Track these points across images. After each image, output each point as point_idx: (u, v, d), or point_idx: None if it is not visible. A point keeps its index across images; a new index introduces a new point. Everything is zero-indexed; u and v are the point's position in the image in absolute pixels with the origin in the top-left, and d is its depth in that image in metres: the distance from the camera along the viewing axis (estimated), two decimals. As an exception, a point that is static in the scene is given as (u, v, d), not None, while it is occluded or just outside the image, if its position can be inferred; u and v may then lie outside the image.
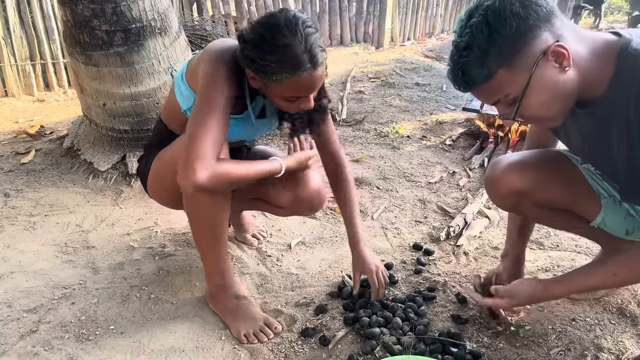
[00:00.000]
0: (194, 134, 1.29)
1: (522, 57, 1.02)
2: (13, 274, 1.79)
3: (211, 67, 1.35)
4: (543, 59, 1.02)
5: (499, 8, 1.01)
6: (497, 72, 1.04)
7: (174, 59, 2.46)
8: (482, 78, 1.05)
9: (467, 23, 1.05)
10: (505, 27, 1.01)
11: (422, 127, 3.17)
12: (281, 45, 1.23)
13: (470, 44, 1.03)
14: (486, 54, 1.02)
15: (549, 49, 1.02)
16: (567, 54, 1.02)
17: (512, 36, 1.01)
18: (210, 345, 1.48)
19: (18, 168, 2.61)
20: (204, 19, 4.01)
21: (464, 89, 1.10)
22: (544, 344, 1.44)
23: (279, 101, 1.36)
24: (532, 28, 1.01)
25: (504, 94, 1.08)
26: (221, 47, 1.39)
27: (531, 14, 1.01)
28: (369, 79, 4.10)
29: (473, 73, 1.05)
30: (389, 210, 2.22)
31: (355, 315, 1.54)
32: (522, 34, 1.01)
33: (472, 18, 1.04)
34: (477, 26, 1.02)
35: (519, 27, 1.01)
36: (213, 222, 1.48)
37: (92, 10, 2.21)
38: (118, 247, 1.96)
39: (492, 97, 1.10)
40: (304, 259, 1.89)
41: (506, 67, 1.03)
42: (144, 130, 2.46)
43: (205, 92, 1.33)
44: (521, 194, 1.39)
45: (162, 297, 1.68)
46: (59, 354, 1.44)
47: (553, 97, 1.07)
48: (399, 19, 5.58)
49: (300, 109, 1.39)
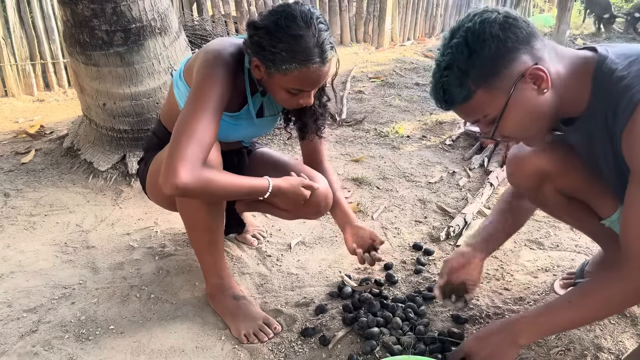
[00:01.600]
0: (179, 134, 1.25)
1: (501, 79, 1.05)
2: (13, 274, 1.79)
3: (205, 66, 1.33)
4: (521, 81, 1.05)
5: (479, 30, 1.03)
6: (475, 93, 1.06)
7: (174, 59, 2.46)
8: (461, 98, 1.07)
9: (449, 43, 1.07)
10: (484, 48, 1.03)
11: (422, 127, 3.17)
12: (294, 36, 1.23)
13: (451, 64, 1.05)
14: (466, 74, 1.04)
15: (527, 72, 1.04)
16: (546, 77, 1.04)
17: (491, 58, 1.03)
18: (210, 345, 1.48)
19: (18, 168, 2.61)
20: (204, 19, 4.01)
21: (444, 107, 1.12)
22: (544, 344, 1.44)
23: (280, 93, 1.34)
24: (511, 50, 1.03)
25: (482, 114, 1.10)
26: (218, 46, 1.38)
27: (510, 37, 1.03)
28: (369, 79, 4.10)
29: (453, 92, 1.07)
30: (389, 210, 2.22)
31: (355, 315, 1.54)
32: (501, 56, 1.03)
33: (454, 38, 1.06)
34: (458, 47, 1.05)
35: (497, 49, 1.03)
36: (208, 225, 1.47)
37: (92, 10, 2.21)
38: (118, 247, 1.96)
39: (471, 116, 1.13)
40: (304, 259, 1.89)
41: (485, 88, 1.05)
42: (144, 130, 2.46)
43: (196, 91, 1.31)
44: (546, 175, 1.37)
45: (162, 297, 1.68)
46: (59, 353, 1.44)
47: (530, 118, 1.10)
48: (399, 19, 5.57)
49: (299, 105, 1.37)
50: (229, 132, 1.50)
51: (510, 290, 1.68)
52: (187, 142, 1.23)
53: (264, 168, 1.64)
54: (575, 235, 1.95)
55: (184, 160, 1.22)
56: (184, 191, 1.23)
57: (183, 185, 1.21)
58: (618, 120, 1.04)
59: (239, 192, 1.38)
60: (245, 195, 1.42)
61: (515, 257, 1.86)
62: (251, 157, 1.73)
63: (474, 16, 1.07)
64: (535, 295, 1.65)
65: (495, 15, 1.05)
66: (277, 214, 1.72)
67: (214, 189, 1.28)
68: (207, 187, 1.26)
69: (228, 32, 4.11)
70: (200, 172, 1.24)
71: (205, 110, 1.27)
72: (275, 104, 1.57)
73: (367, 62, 4.59)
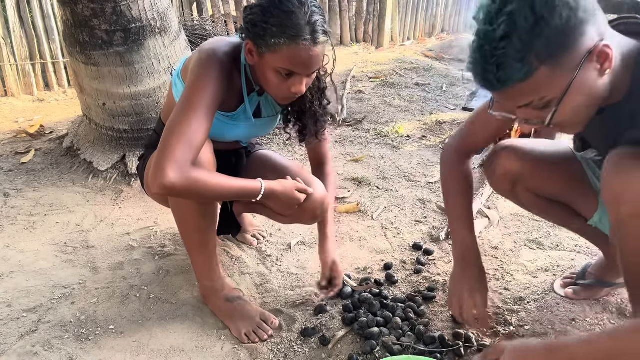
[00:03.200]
0: (169, 135, 1.25)
1: (568, 56, 0.90)
2: (13, 274, 1.79)
3: (199, 66, 1.33)
4: (588, 59, 0.91)
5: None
6: (538, 70, 0.90)
7: (173, 58, 2.46)
8: (520, 75, 0.91)
9: (503, 9, 0.89)
10: (555, 16, 0.87)
11: (422, 127, 3.16)
12: (286, 11, 1.23)
13: (509, 33, 0.88)
14: (529, 46, 0.88)
15: (596, 49, 0.91)
16: (611, 55, 0.92)
17: (562, 29, 0.88)
18: (210, 345, 1.48)
19: (18, 168, 2.61)
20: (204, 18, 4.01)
21: (493, 86, 0.95)
22: (544, 344, 1.44)
23: (271, 77, 1.32)
24: (582, 22, 0.89)
25: (539, 96, 0.95)
26: (212, 45, 1.38)
27: (581, 5, 0.88)
28: (369, 78, 4.10)
29: (510, 68, 0.90)
30: (389, 210, 2.22)
31: (355, 315, 1.54)
32: (572, 27, 0.88)
33: (510, 4, 0.89)
34: (520, 13, 0.87)
35: (569, 19, 0.87)
36: (198, 224, 1.47)
37: (92, 9, 2.21)
38: (118, 246, 1.96)
39: (524, 98, 0.97)
40: (304, 258, 1.89)
41: (549, 64, 0.90)
42: (143, 130, 2.46)
43: (188, 91, 1.31)
44: (516, 179, 1.36)
45: (161, 297, 1.68)
46: (59, 353, 1.44)
47: (587, 102, 0.98)
48: (399, 18, 5.57)
49: (291, 94, 1.34)
50: (225, 131, 1.49)
51: (510, 290, 1.68)
52: (177, 142, 1.23)
53: (262, 170, 1.63)
54: (575, 235, 1.95)
55: (172, 160, 1.22)
56: (171, 190, 1.23)
57: (170, 184, 1.21)
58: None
59: (229, 194, 1.37)
60: (236, 197, 1.41)
61: (515, 257, 1.86)
62: (250, 158, 1.72)
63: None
64: (535, 295, 1.65)
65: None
66: (274, 217, 1.68)
67: (202, 189, 1.27)
68: (195, 187, 1.25)
69: (228, 32, 4.11)
70: (189, 172, 1.24)
71: (197, 110, 1.27)
72: (273, 105, 1.56)
73: (367, 62, 4.58)
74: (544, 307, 1.59)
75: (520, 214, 2.13)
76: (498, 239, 1.98)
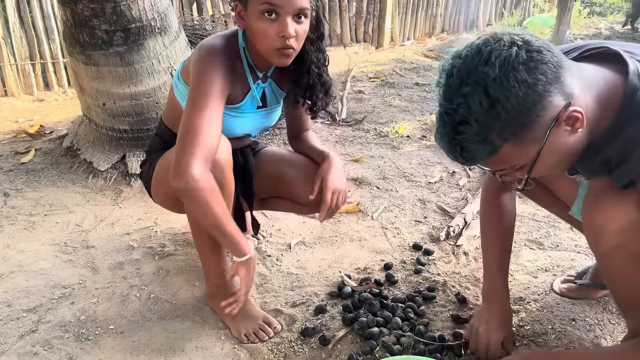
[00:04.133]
0: (185, 133, 1.28)
1: (532, 131, 0.89)
2: (13, 274, 1.79)
3: (200, 62, 1.35)
4: (555, 125, 0.90)
5: (501, 76, 0.85)
6: (502, 147, 0.91)
7: (173, 58, 2.46)
8: (485, 154, 0.93)
9: (460, 89, 0.89)
10: (510, 98, 0.86)
11: (422, 127, 3.16)
12: None
13: (467, 118, 0.89)
14: (488, 129, 0.89)
15: (562, 116, 0.89)
16: (582, 117, 0.90)
17: (520, 109, 0.86)
18: (210, 345, 1.48)
19: (18, 168, 2.61)
20: (204, 18, 4.01)
21: (463, 163, 0.98)
22: (544, 344, 1.44)
23: (258, 25, 1.31)
24: (542, 96, 0.87)
25: (510, 165, 0.97)
26: (209, 41, 1.40)
27: (539, 79, 0.86)
28: (369, 78, 4.10)
29: (474, 150, 0.92)
30: (389, 210, 2.22)
31: (355, 315, 1.54)
32: (532, 105, 0.87)
33: (465, 85, 0.88)
34: (474, 97, 0.87)
35: (526, 97, 0.86)
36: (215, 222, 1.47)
37: (92, 9, 2.21)
38: (118, 246, 1.96)
39: (496, 167, 1.00)
40: (304, 258, 1.89)
41: (513, 141, 0.90)
42: (143, 130, 2.46)
43: (195, 89, 1.33)
44: None
45: (161, 296, 1.68)
46: (59, 353, 1.44)
47: (562, 158, 0.98)
48: (399, 18, 5.57)
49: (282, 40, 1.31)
50: (234, 126, 1.50)
51: (510, 290, 1.67)
52: (194, 139, 1.26)
53: (272, 165, 1.69)
54: (575, 235, 1.95)
55: (194, 155, 1.24)
56: (194, 185, 1.24)
57: (193, 179, 1.23)
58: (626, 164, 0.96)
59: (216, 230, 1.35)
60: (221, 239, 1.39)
61: (515, 257, 1.86)
62: (257, 157, 1.73)
63: (489, 55, 0.87)
64: (535, 295, 1.65)
65: (516, 52, 0.86)
66: (294, 209, 1.75)
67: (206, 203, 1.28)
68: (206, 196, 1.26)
69: (228, 31, 4.10)
70: (209, 177, 1.27)
71: (207, 106, 1.30)
72: (277, 93, 1.57)
73: (367, 62, 4.58)
74: (544, 307, 1.59)
75: (520, 214, 2.13)
76: (498, 239, 1.98)
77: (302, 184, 1.60)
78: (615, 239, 1.03)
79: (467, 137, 0.90)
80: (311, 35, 1.44)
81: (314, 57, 1.48)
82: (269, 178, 1.70)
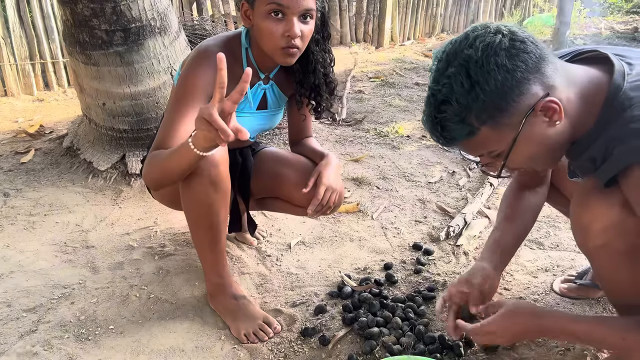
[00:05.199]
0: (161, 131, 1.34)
1: (509, 116, 0.93)
2: (12, 274, 1.79)
3: (189, 63, 1.38)
4: (531, 114, 0.93)
5: (483, 59, 0.90)
6: (479, 130, 0.95)
7: (173, 58, 2.46)
8: (463, 135, 0.97)
9: (445, 71, 0.94)
10: (489, 81, 0.90)
11: (422, 127, 3.16)
12: None
13: (449, 98, 0.93)
14: (467, 110, 0.93)
15: (538, 105, 0.93)
16: (559, 109, 0.93)
17: (497, 92, 0.91)
18: (210, 345, 1.47)
19: (17, 167, 2.61)
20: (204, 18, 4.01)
21: (443, 143, 1.01)
22: (544, 344, 1.44)
23: (264, 24, 1.33)
24: (520, 82, 0.91)
25: (487, 150, 1.01)
26: (209, 42, 1.43)
27: (519, 66, 0.90)
28: (369, 78, 4.10)
29: (453, 129, 0.96)
30: (389, 210, 2.22)
31: (355, 315, 1.53)
32: (509, 89, 0.91)
33: (450, 66, 0.93)
34: (456, 78, 0.92)
35: (505, 81, 0.90)
36: (210, 222, 1.47)
37: (92, 9, 2.20)
38: (118, 246, 1.96)
39: (474, 152, 1.03)
40: (304, 258, 1.89)
41: (490, 125, 0.94)
42: (143, 130, 2.46)
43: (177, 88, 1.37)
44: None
45: (161, 296, 1.68)
46: (59, 353, 1.44)
47: (541, 150, 1.01)
48: (399, 18, 5.57)
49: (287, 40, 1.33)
50: None
51: (510, 290, 1.68)
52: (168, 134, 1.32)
53: (270, 165, 1.69)
54: (575, 235, 1.95)
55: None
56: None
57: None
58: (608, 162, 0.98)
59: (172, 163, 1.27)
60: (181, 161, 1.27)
61: (515, 257, 1.86)
62: (256, 156, 1.73)
63: (474, 40, 0.92)
64: (535, 295, 1.65)
65: (499, 39, 0.91)
66: (291, 210, 1.75)
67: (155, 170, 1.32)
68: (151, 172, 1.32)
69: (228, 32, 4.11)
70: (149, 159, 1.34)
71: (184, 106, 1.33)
72: (279, 96, 1.57)
73: (367, 62, 4.59)
74: (544, 307, 1.59)
75: (520, 213, 2.13)
76: (498, 239, 1.98)
77: (298, 185, 1.60)
78: (600, 238, 1.05)
79: (447, 116, 0.95)
80: (316, 35, 1.46)
81: (320, 57, 1.50)
82: (266, 178, 1.70)
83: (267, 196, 1.78)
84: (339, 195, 1.59)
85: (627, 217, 1.00)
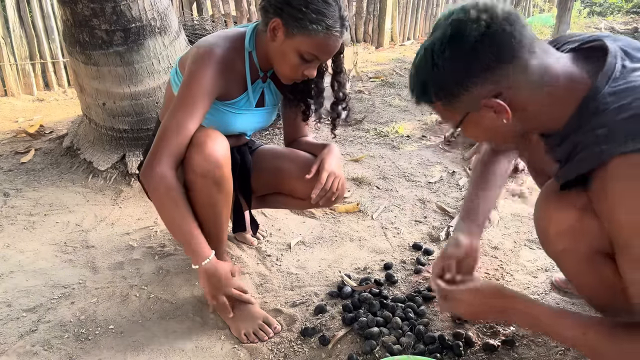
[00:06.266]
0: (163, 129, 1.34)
1: (459, 102, 0.97)
2: (12, 274, 1.79)
3: (194, 62, 1.38)
4: (477, 109, 0.96)
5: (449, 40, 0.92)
6: (435, 103, 1.01)
7: (173, 58, 2.46)
8: (424, 101, 1.03)
9: (426, 41, 0.98)
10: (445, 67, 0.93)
11: (422, 127, 3.16)
12: (326, 1, 1.31)
13: (419, 69, 0.99)
14: (427, 83, 0.98)
15: (482, 103, 0.95)
16: (505, 110, 0.94)
17: (452, 79, 0.94)
18: (210, 345, 1.47)
19: (17, 167, 2.61)
20: (204, 18, 4.01)
21: (414, 99, 1.06)
22: (544, 344, 1.44)
23: (292, 58, 1.37)
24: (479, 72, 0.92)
25: (444, 120, 1.07)
26: (212, 40, 1.42)
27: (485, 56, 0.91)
28: (369, 78, 4.10)
29: (418, 93, 1.02)
30: (389, 210, 2.22)
31: (355, 315, 1.53)
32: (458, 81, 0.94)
33: (427, 39, 0.97)
34: (425, 54, 0.96)
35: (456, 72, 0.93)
36: (214, 222, 1.48)
37: (92, 9, 2.20)
38: (118, 246, 1.96)
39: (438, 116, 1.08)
40: (304, 258, 1.89)
41: (442, 103, 1.00)
42: (143, 130, 2.46)
43: (183, 87, 1.36)
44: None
45: (161, 296, 1.68)
46: (59, 353, 1.44)
47: (492, 136, 1.06)
48: (399, 18, 5.57)
49: (302, 76, 1.41)
50: (229, 122, 1.51)
51: (510, 290, 1.68)
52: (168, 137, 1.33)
53: (269, 161, 1.70)
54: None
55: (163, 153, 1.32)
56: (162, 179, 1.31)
57: (161, 173, 1.30)
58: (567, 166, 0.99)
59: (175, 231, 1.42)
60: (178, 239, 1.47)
61: (515, 257, 1.86)
62: (254, 154, 1.74)
63: (451, 22, 0.93)
64: (535, 295, 1.65)
65: (473, 28, 0.90)
66: (293, 204, 1.77)
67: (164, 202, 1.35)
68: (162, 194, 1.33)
69: (228, 31, 4.10)
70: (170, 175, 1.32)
71: (190, 105, 1.34)
72: (275, 94, 1.58)
73: (367, 62, 4.59)
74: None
75: (521, 213, 2.13)
76: (498, 239, 1.98)
77: (300, 177, 1.60)
78: (560, 243, 1.06)
79: (416, 81, 1.01)
80: None
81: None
82: (266, 174, 1.70)
83: (268, 193, 1.78)
84: (341, 183, 1.60)
85: (586, 221, 1.00)
